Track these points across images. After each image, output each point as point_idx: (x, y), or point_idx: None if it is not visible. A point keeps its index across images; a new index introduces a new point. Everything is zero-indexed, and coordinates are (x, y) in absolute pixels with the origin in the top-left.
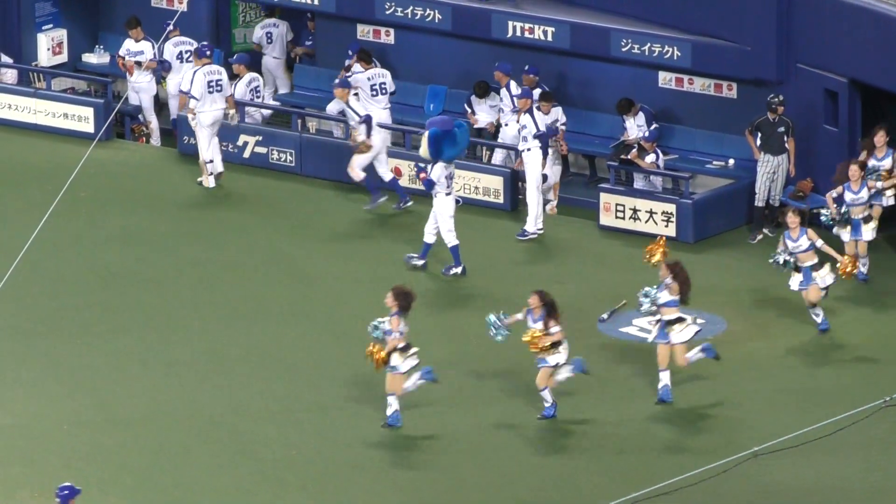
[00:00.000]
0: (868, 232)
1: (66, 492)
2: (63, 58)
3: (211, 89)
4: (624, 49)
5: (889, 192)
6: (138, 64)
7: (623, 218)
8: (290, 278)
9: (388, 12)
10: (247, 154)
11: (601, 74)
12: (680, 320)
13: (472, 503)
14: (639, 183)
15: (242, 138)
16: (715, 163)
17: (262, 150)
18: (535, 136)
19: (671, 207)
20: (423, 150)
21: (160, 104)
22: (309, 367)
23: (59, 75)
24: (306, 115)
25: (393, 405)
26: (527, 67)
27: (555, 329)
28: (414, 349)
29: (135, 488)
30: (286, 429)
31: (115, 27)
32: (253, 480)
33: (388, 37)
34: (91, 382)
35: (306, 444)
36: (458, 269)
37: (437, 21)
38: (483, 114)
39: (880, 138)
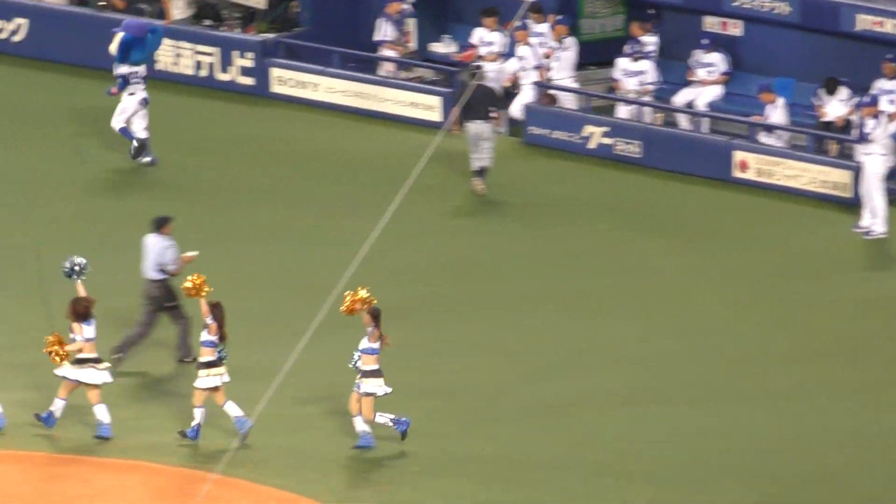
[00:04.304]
0: None
1: None
2: (411, 46)
3: None
4: None
5: None
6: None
7: None
8: (633, 272)
9: (735, 4)
10: (592, 145)
11: None
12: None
13: None
14: None
15: (587, 129)
16: None
17: (607, 141)
18: (865, 140)
19: None
20: (114, 49)
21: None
22: (648, 360)
23: (408, 64)
24: (653, 106)
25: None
26: (891, 56)
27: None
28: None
29: (476, 475)
30: (625, 421)
31: (465, 17)
32: (597, 472)
33: (735, 29)
34: (433, 372)
35: (648, 436)
36: (149, 160)
37: (785, 14)
38: (832, 108)
39: None
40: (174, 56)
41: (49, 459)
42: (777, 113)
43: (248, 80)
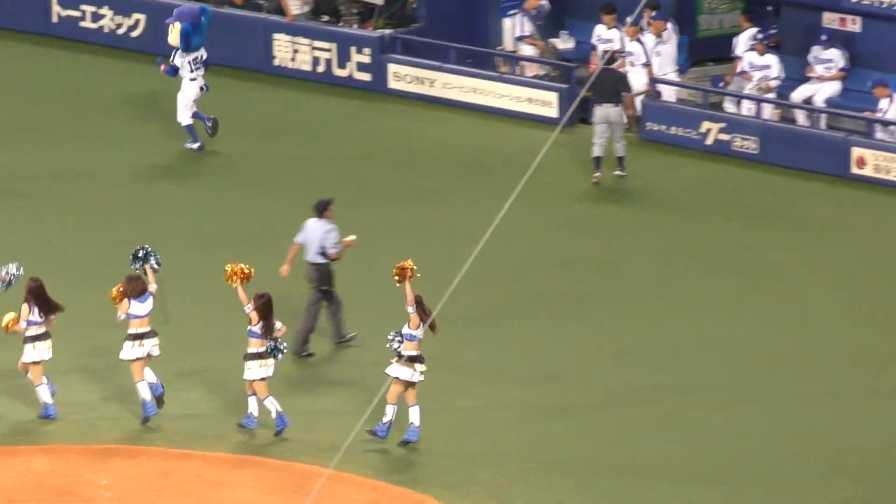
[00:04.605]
0: None
1: None
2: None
3: None
4: None
5: None
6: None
7: None
8: (749, 268)
9: (853, 1)
10: (709, 141)
11: None
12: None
13: None
14: None
15: (705, 125)
16: None
17: (724, 137)
18: None
19: None
20: (174, 40)
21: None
22: (760, 357)
23: (524, 60)
24: (768, 102)
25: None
26: None
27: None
28: None
29: (585, 473)
30: (736, 419)
31: (584, 13)
32: (705, 470)
33: (853, 25)
34: (546, 368)
35: (755, 435)
36: (196, 145)
37: None
38: None
39: None
40: (291, 52)
41: (162, 454)
42: (893, 108)
43: (365, 76)
